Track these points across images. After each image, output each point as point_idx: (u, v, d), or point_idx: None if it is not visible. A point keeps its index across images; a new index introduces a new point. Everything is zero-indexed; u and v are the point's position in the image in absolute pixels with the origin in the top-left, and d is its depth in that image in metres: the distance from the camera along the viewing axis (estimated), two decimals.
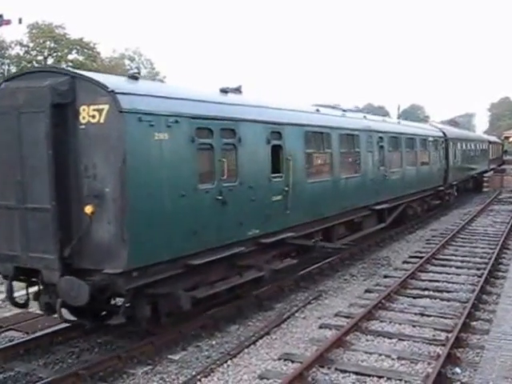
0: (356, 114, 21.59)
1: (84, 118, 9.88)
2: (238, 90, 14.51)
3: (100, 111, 9.76)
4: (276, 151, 14.22)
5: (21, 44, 68.51)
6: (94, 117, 9.82)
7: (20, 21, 47.87)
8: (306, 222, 15.76)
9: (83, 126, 9.89)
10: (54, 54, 68.10)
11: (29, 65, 62.34)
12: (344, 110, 20.46)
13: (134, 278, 9.89)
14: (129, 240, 9.65)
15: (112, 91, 9.67)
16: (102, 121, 9.75)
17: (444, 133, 33.10)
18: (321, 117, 17.57)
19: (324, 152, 17.25)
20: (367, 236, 21.70)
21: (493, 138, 62.93)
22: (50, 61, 66.73)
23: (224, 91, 13.63)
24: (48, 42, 67.71)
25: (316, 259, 18.30)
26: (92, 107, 9.82)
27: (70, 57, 68.43)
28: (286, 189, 14.40)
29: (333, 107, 20.60)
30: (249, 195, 12.93)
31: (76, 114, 9.94)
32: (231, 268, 12.76)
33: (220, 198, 11.89)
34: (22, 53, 68.30)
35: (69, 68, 15.45)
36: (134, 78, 10.93)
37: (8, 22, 44.59)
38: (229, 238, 12.28)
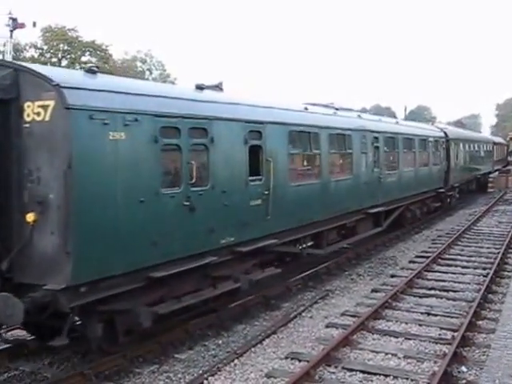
0: (349, 113, 20.40)
1: (29, 115, 9.02)
2: (217, 87, 13.68)
3: (45, 108, 8.89)
4: (255, 152, 13.26)
5: (35, 47, 69.67)
6: (39, 114, 8.95)
7: (34, 24, 48.91)
8: (290, 228, 14.78)
9: (27, 125, 9.03)
10: (68, 57, 69.30)
11: None
12: (336, 109, 19.38)
13: (81, 294, 8.95)
14: (74, 252, 8.72)
15: (57, 85, 8.78)
16: (47, 118, 8.88)
17: (445, 133, 32.29)
18: (308, 115, 16.52)
19: (311, 153, 16.27)
20: (364, 240, 21.15)
21: (497, 139, 62.70)
22: (64, 63, 67.71)
23: (200, 88, 12.70)
24: (61, 45, 68.62)
25: (308, 265, 17.44)
26: (37, 103, 8.95)
27: (84, 59, 69.43)
28: (267, 192, 13.39)
29: (325, 106, 19.37)
30: (222, 200, 11.93)
31: (20, 111, 9.07)
32: (204, 279, 11.88)
33: (187, 203, 10.90)
34: (36, 55, 69.33)
35: (12, 60, 14.46)
36: (92, 72, 10.03)
37: (22, 26, 45.38)
38: (198, 247, 11.31)
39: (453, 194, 33.67)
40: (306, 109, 16.69)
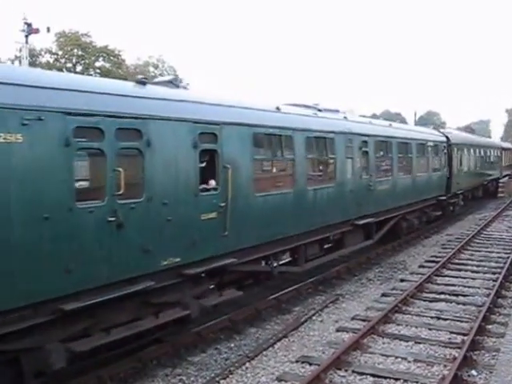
0: (334, 115, 18.26)
1: None
2: (171, 83, 12.11)
3: None
4: (209, 157, 11.72)
5: (50, 52, 70.44)
6: None
7: (48, 29, 49.32)
8: (257, 245, 13.06)
9: None
10: (82, 62, 70.03)
11: None
12: (319, 110, 17.47)
13: None
14: None
15: None
16: None
17: (447, 137, 30.55)
18: (280, 116, 14.50)
19: (283, 158, 14.43)
20: (355, 253, 19.96)
21: (506, 144, 62.09)
22: (78, 68, 68.61)
23: (141, 82, 10.77)
24: (76, 50, 69.36)
25: (286, 283, 16.12)
26: None
27: (97, 64, 70.41)
28: (223, 204, 11.57)
29: (307, 106, 17.36)
30: (163, 214, 10.09)
31: None
32: (143, 307, 10.14)
33: (113, 219, 9.08)
34: (51, 60, 69.99)
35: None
36: None
37: (36, 31, 45.87)
38: (128, 272, 9.49)
39: (456, 201, 31.90)
40: (278, 109, 14.66)
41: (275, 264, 14.25)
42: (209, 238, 11.32)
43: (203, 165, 11.44)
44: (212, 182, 11.60)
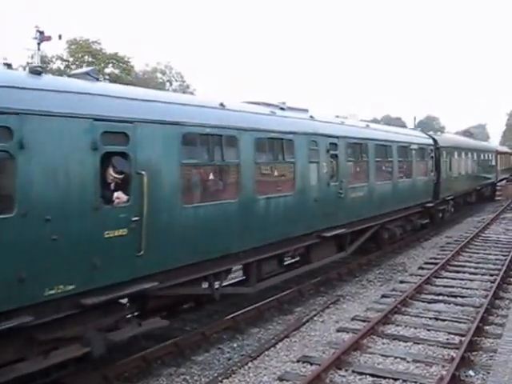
0: (297, 113, 16.06)
1: None
2: (88, 75, 10.15)
3: None
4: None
5: (61, 59, 71.42)
6: None
7: (60, 37, 50.21)
8: (187, 265, 11.03)
9: None
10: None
11: None
12: (282, 108, 15.53)
13: None
14: None
15: None
16: None
17: (435, 140, 28.73)
18: (223, 113, 12.33)
19: (225, 163, 12.26)
20: (325, 267, 18.10)
21: (502, 148, 61.61)
22: None
23: (35, 72, 8.83)
24: (86, 57, 70.25)
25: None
26: None
27: (107, 70, 71.36)
28: (137, 219, 9.52)
29: (268, 104, 15.35)
30: (44, 233, 8.09)
31: None
32: (29, 345, 8.33)
33: None
34: (62, 67, 71.16)
35: None
36: None
37: (49, 39, 46.66)
38: None
39: (446, 208, 30.40)
40: (223, 105, 12.56)
41: (217, 285, 12.35)
42: (116, 260, 9.28)
43: (114, 173, 9.42)
44: (119, 194, 9.51)
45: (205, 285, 12.37)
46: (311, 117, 16.63)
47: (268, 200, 13.54)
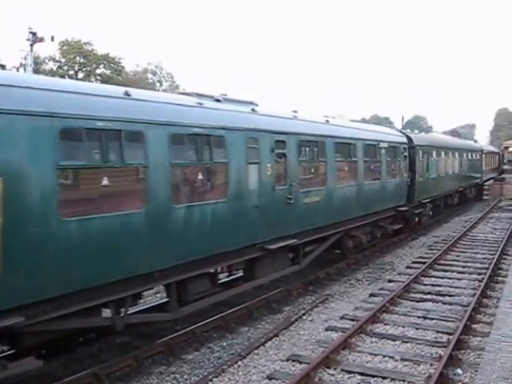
0: (235, 106, 13.57)
1: None
2: None
3: None
4: None
5: (54, 59, 72.14)
6: None
7: (52, 38, 50.82)
8: (73, 292, 8.93)
9: None
10: (84, 69, 71.61)
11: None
12: (217, 100, 13.15)
13: None
14: None
15: None
16: None
17: (410, 138, 26.33)
18: (124, 104, 10.14)
19: (123, 165, 9.93)
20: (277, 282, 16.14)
21: (488, 148, 61.12)
22: (80, 75, 70.27)
23: None
24: (78, 58, 70.91)
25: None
26: None
27: (98, 71, 72.21)
28: None
29: (200, 95, 12.90)
30: None
31: None
32: None
33: None
34: (55, 68, 71.94)
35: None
36: None
37: (41, 40, 47.22)
38: None
39: (423, 211, 28.18)
40: (128, 94, 10.38)
41: (122, 314, 10.31)
42: None
43: None
44: None
45: (106, 313, 10.35)
46: (253, 110, 14.14)
47: (189, 209, 11.28)
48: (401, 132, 27.14)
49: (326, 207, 16.92)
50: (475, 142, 67.80)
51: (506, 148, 74.61)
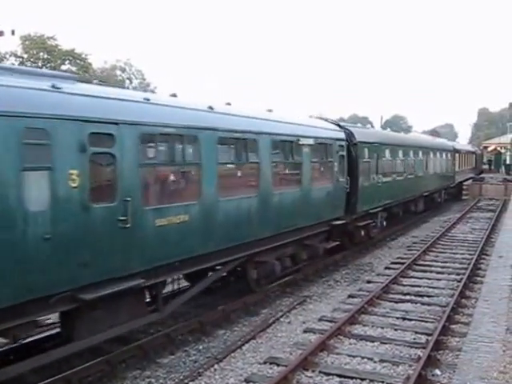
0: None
1: None
2: None
3: None
4: None
5: (15, 55, 69.91)
6: None
7: (13, 32, 49.15)
8: None
9: None
10: (48, 65, 69.85)
11: None
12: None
13: None
14: None
15: None
16: None
17: (351, 133, 21.12)
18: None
19: None
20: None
21: (465, 147, 60.18)
22: None
23: None
24: (41, 53, 69.13)
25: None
26: None
27: (64, 67, 70.10)
28: None
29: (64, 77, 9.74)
30: None
31: None
32: None
33: None
34: (17, 64, 69.66)
35: None
36: None
37: (1, 34, 45.91)
38: None
39: (374, 222, 23.49)
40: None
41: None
42: None
43: None
44: None
45: None
46: (56, 87, 8.95)
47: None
48: (338, 125, 21.24)
49: (202, 229, 12.05)
50: (457, 141, 67.56)
51: (486, 148, 75.29)
